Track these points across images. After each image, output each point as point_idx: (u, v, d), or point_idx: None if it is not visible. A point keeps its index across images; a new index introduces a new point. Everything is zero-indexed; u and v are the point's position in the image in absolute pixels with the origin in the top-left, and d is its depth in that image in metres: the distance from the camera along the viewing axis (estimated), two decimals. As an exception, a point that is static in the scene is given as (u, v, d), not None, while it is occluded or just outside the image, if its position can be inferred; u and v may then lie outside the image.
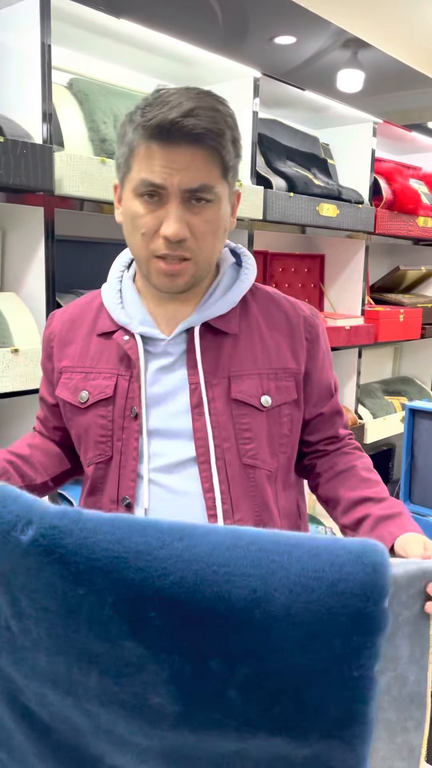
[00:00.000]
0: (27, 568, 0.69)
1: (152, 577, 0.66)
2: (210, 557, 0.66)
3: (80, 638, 0.70)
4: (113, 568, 0.66)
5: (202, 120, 0.89)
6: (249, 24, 2.07)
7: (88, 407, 1.05)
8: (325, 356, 1.13)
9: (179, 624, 0.67)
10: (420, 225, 3.01)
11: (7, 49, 1.67)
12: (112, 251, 2.13)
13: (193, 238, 0.94)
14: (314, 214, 2.41)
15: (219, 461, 1.00)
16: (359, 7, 3.45)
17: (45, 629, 0.71)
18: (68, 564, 0.67)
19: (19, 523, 0.68)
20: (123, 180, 0.98)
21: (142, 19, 1.77)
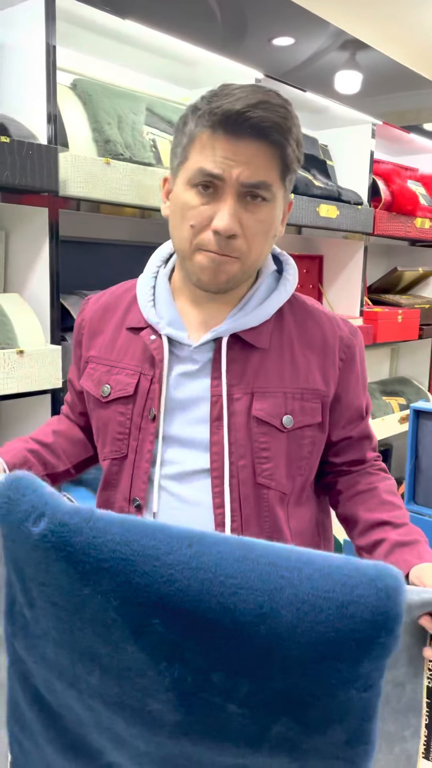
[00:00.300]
0: (37, 561, 0.68)
1: (157, 582, 0.64)
2: (218, 567, 0.64)
3: (84, 636, 0.69)
4: (120, 570, 0.65)
5: (271, 113, 0.86)
6: (248, 24, 2.08)
7: (109, 402, 1.03)
8: (359, 378, 1.08)
9: (182, 633, 0.65)
10: (417, 226, 3.02)
11: (12, 49, 1.66)
12: (116, 252, 2.14)
13: (243, 237, 0.91)
14: (314, 215, 2.41)
15: (233, 478, 0.97)
16: (357, 8, 3.46)
17: (52, 622, 0.71)
18: (75, 563, 0.66)
19: (32, 514, 0.68)
20: (177, 170, 0.95)
21: (146, 20, 1.76)
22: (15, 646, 0.77)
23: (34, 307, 1.70)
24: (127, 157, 1.75)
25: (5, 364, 1.54)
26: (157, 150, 1.87)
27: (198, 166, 0.90)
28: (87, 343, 1.09)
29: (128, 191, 1.73)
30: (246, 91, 0.88)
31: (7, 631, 0.78)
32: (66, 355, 1.71)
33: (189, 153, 0.92)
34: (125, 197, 1.72)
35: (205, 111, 0.88)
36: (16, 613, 0.75)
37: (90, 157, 1.64)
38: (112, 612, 0.66)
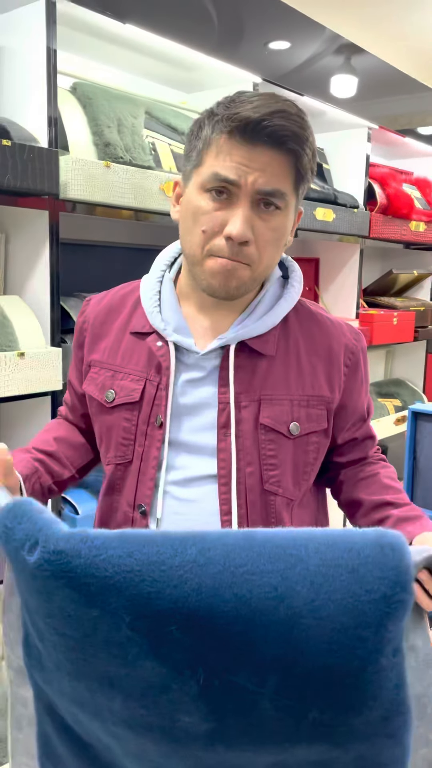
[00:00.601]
0: (38, 591, 0.67)
1: (169, 587, 0.63)
2: (226, 559, 0.64)
3: (99, 662, 0.67)
4: (127, 583, 0.64)
5: (288, 123, 0.87)
6: (245, 29, 2.09)
7: (114, 408, 1.02)
8: (363, 383, 1.09)
9: (201, 636, 0.64)
10: (413, 229, 3.05)
11: (13, 52, 1.67)
12: (116, 255, 2.15)
13: (255, 245, 0.91)
14: (311, 219, 2.43)
15: (240, 485, 0.97)
16: (352, 12, 3.49)
17: (63, 654, 0.69)
18: (79, 587, 0.64)
19: (27, 542, 0.66)
20: (190, 174, 0.95)
21: (146, 25, 1.77)
22: (35, 678, 0.76)
23: (35, 309, 1.70)
24: (126, 161, 1.76)
25: (6, 366, 1.54)
26: (156, 153, 1.88)
27: (213, 171, 0.90)
28: (90, 345, 1.09)
29: (128, 194, 1.74)
30: (264, 100, 0.88)
31: (26, 663, 0.77)
32: (66, 357, 1.71)
33: (204, 157, 0.92)
34: (125, 200, 1.73)
35: (223, 116, 0.89)
36: (30, 645, 0.74)
37: (90, 160, 1.65)
38: (126, 629, 0.65)
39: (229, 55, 2.05)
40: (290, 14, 2.22)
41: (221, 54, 2.02)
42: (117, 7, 1.70)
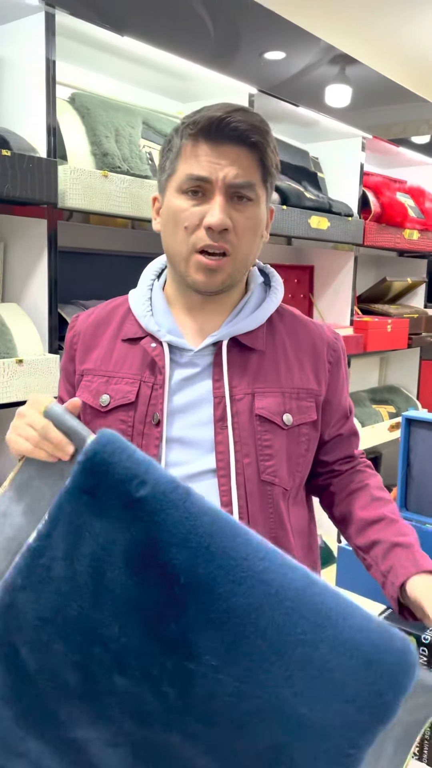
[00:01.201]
0: (119, 520, 0.75)
1: (227, 581, 0.73)
2: (280, 588, 0.73)
3: (133, 596, 0.77)
4: (199, 554, 0.73)
5: (248, 118, 0.95)
6: (240, 40, 2.12)
7: (109, 411, 1.05)
8: (345, 380, 1.15)
9: (226, 634, 0.73)
10: (406, 237, 3.08)
11: (13, 63, 1.69)
12: (114, 263, 2.17)
13: (234, 232, 0.97)
14: (306, 227, 2.45)
15: (239, 476, 1.01)
16: (346, 23, 3.53)
17: (94, 579, 0.77)
18: (162, 531, 0.74)
19: (135, 479, 0.75)
20: (165, 183, 1.01)
21: (144, 37, 1.80)
22: (15, 601, 0.80)
23: (33, 316, 1.72)
24: (124, 170, 1.78)
25: (4, 372, 1.56)
26: (153, 163, 1.91)
27: (186, 173, 0.96)
28: (81, 357, 1.12)
29: (126, 203, 1.76)
30: (223, 104, 0.96)
31: (16, 584, 0.80)
32: (64, 364, 1.73)
33: (176, 165, 0.99)
34: (123, 209, 1.75)
35: (188, 123, 0.96)
36: (38, 566, 0.79)
37: (88, 170, 1.67)
38: (176, 588, 0.74)
39: (224, 67, 2.08)
40: (285, 26, 2.26)
41: (217, 65, 2.05)
42: (115, 19, 1.72)
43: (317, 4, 3.35)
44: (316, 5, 3.37)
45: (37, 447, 0.83)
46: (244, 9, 2.07)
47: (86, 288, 1.98)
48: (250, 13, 2.10)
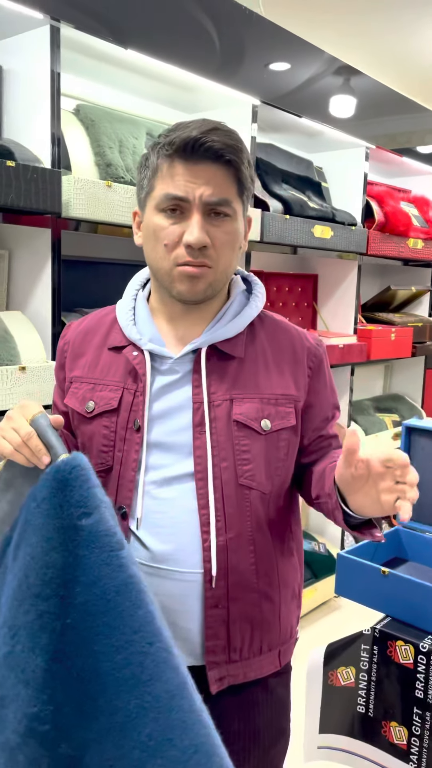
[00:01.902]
0: (46, 539, 0.80)
1: (107, 643, 0.76)
2: (153, 680, 0.74)
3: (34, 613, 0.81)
4: (92, 606, 0.77)
5: (222, 137, 0.97)
6: (244, 52, 2.14)
7: (94, 417, 1.08)
8: (327, 384, 1.16)
9: (76, 697, 0.76)
10: (410, 246, 3.09)
11: (18, 75, 1.72)
12: (116, 271, 2.19)
13: (213, 248, 1.00)
14: (309, 236, 2.47)
15: (216, 480, 1.03)
16: (350, 35, 3.56)
17: (16, 582, 0.82)
18: (77, 567, 0.78)
19: (82, 509, 0.80)
20: (145, 200, 1.04)
21: (148, 50, 1.83)
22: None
23: (36, 324, 1.74)
24: (127, 180, 1.80)
25: (8, 380, 1.57)
26: (156, 173, 1.93)
27: (164, 192, 0.99)
28: (70, 364, 1.15)
29: (128, 212, 1.78)
30: (198, 123, 0.98)
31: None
32: (67, 371, 1.75)
33: (154, 183, 1.01)
34: (126, 218, 1.77)
35: (164, 144, 0.98)
36: (7, 552, 0.87)
37: (92, 180, 1.69)
38: (58, 625, 0.76)
39: (228, 78, 2.11)
40: (289, 38, 2.28)
41: (221, 77, 2.08)
42: (119, 33, 1.75)
43: (321, 17, 3.38)
44: (320, 18, 3.40)
45: (17, 451, 0.90)
46: (248, 22, 2.10)
47: (90, 296, 2.00)
48: (254, 25, 2.13)
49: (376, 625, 1.51)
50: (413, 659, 1.43)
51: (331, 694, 1.54)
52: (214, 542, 1.01)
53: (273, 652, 1.11)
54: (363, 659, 1.50)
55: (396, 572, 1.53)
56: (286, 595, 1.12)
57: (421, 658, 1.41)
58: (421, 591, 1.48)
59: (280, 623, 1.11)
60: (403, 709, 1.45)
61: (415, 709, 1.42)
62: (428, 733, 1.41)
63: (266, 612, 1.08)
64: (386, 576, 1.53)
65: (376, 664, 1.49)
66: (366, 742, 1.51)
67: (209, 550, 1.01)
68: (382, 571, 1.54)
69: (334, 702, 1.54)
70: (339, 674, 1.54)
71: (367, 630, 1.51)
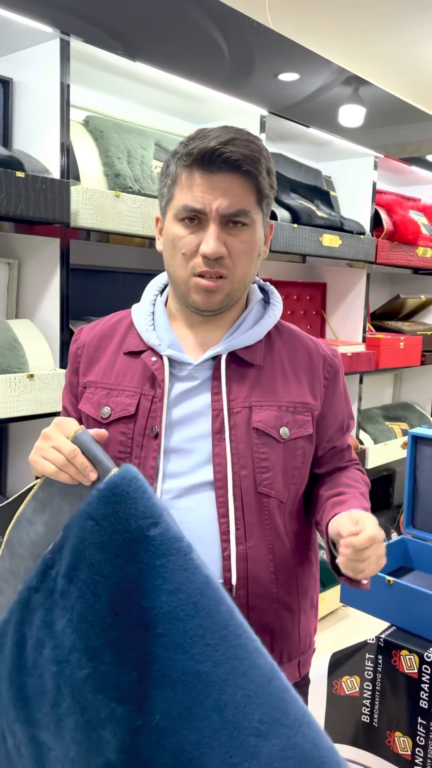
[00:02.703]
0: (116, 555, 0.80)
1: (201, 643, 0.74)
2: (251, 668, 0.74)
3: (102, 630, 0.81)
4: (181, 611, 0.76)
5: (240, 148, 0.97)
6: (253, 64, 2.16)
7: (110, 423, 1.07)
8: (342, 395, 1.16)
9: (185, 704, 0.75)
10: (420, 255, 3.09)
11: (29, 87, 1.75)
12: (124, 280, 2.21)
13: (230, 258, 1.00)
14: (317, 245, 2.48)
15: (235, 488, 1.02)
16: (359, 45, 3.57)
17: (81, 606, 0.81)
18: (157, 576, 0.77)
19: (150, 519, 0.79)
20: (165, 208, 1.05)
21: (156, 62, 1.85)
22: (31, 599, 0.86)
23: (45, 332, 1.76)
24: (135, 190, 1.82)
25: (16, 387, 1.59)
26: (164, 183, 1.95)
27: (182, 203, 1.00)
28: (84, 370, 1.14)
29: (136, 222, 1.80)
30: (218, 131, 0.98)
31: (31, 584, 0.87)
32: (74, 379, 1.76)
33: (173, 192, 1.02)
34: (133, 228, 1.79)
35: (183, 153, 0.99)
36: (49, 575, 0.85)
37: (100, 190, 1.71)
38: (151, 637, 0.75)
39: (236, 89, 2.12)
40: (297, 50, 2.30)
41: (229, 88, 2.10)
42: (128, 46, 1.77)
43: (328, 27, 3.40)
44: (327, 29, 3.42)
45: (61, 470, 0.87)
46: (256, 34, 2.12)
47: (98, 304, 2.02)
48: (262, 37, 2.15)
49: (380, 635, 1.50)
50: (418, 669, 1.42)
51: (336, 704, 1.54)
52: (234, 551, 1.00)
53: (293, 662, 1.10)
54: (368, 668, 1.50)
55: (401, 581, 1.53)
56: (305, 604, 1.12)
57: (426, 668, 1.41)
58: (427, 600, 1.47)
59: (300, 633, 1.10)
60: (407, 719, 1.44)
61: (419, 720, 1.42)
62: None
63: (286, 621, 1.07)
64: (391, 585, 1.53)
65: (380, 674, 1.49)
66: (370, 752, 1.50)
67: (229, 559, 1.00)
68: (388, 580, 1.54)
69: (338, 711, 1.54)
70: (343, 683, 1.54)
71: (371, 639, 1.51)
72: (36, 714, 0.84)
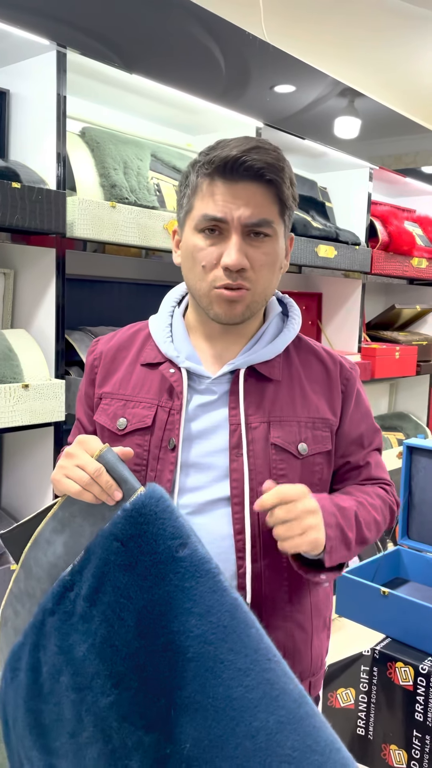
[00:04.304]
0: (143, 577, 0.78)
1: (233, 668, 0.73)
2: (282, 693, 0.73)
3: (125, 653, 0.79)
4: (211, 635, 0.74)
5: (263, 156, 0.95)
6: (250, 75, 2.18)
7: (126, 434, 1.05)
8: (359, 409, 1.13)
9: (217, 731, 0.73)
10: (414, 265, 3.10)
11: (25, 99, 1.75)
12: (120, 290, 2.22)
13: (252, 269, 0.98)
14: (313, 255, 2.49)
15: (253, 504, 0.99)
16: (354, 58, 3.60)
17: (104, 629, 0.80)
18: (187, 599, 0.75)
19: (178, 539, 0.77)
20: (184, 220, 1.03)
21: (153, 74, 1.86)
22: (45, 622, 0.84)
23: (40, 342, 1.76)
24: (132, 201, 1.83)
25: (11, 397, 1.59)
26: (161, 194, 1.96)
27: (202, 212, 0.97)
28: (101, 380, 1.12)
29: (132, 233, 1.80)
30: (239, 141, 0.97)
31: (47, 607, 0.84)
32: (70, 389, 1.76)
33: (193, 202, 1.00)
34: (129, 238, 1.80)
35: (204, 162, 0.97)
36: (67, 597, 0.83)
37: (96, 201, 1.72)
38: (180, 661, 0.73)
39: (232, 102, 2.14)
40: (292, 62, 2.32)
41: (225, 100, 2.11)
42: (124, 57, 1.79)
43: (324, 40, 3.43)
44: (322, 41, 3.44)
45: (85, 489, 0.86)
46: (251, 46, 2.14)
47: (93, 314, 2.02)
48: (257, 50, 2.16)
49: (375, 646, 1.50)
50: (413, 681, 1.42)
51: (330, 716, 1.53)
52: (249, 568, 0.98)
53: (304, 683, 1.07)
54: (363, 681, 1.49)
55: (396, 593, 1.52)
56: (318, 624, 1.09)
57: (421, 680, 1.40)
58: (421, 612, 1.47)
59: (312, 653, 1.08)
60: (402, 732, 1.43)
61: (415, 732, 1.41)
62: (428, 757, 1.39)
63: (299, 641, 1.05)
64: (386, 596, 1.52)
65: (375, 686, 1.48)
66: (365, 764, 1.49)
67: (244, 577, 0.98)
68: (383, 591, 1.53)
69: (333, 724, 1.53)
70: (338, 696, 1.53)
71: (366, 651, 1.50)
72: (53, 743, 0.82)
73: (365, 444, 1.13)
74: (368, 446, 1.14)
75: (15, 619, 0.93)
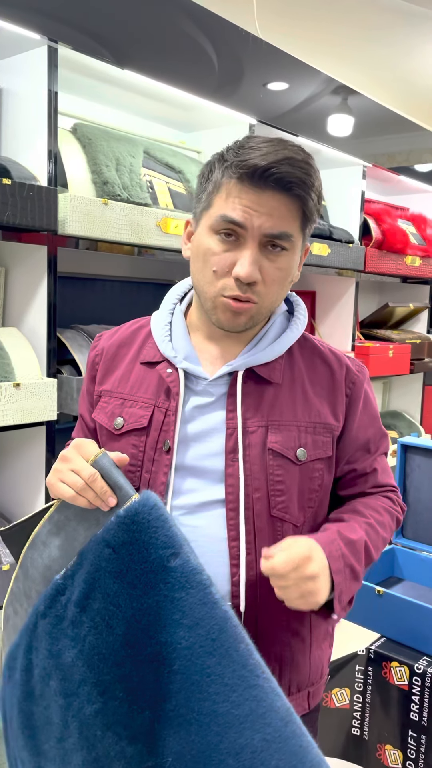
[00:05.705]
0: (133, 585, 0.77)
1: (220, 683, 0.72)
2: (269, 711, 0.71)
3: (114, 664, 0.78)
4: (199, 648, 0.73)
5: (295, 170, 0.91)
6: (243, 72, 2.17)
7: (122, 434, 1.03)
8: (365, 413, 1.09)
9: (199, 746, 0.72)
10: (408, 263, 3.10)
11: (16, 95, 1.74)
12: (112, 288, 2.20)
13: (263, 283, 0.95)
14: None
15: (248, 510, 0.97)
16: (348, 55, 3.60)
17: (93, 637, 0.79)
18: (176, 610, 0.74)
19: (170, 549, 0.76)
20: (200, 215, 0.99)
21: (145, 70, 1.85)
22: (38, 625, 0.83)
23: (32, 340, 1.74)
24: (124, 198, 1.81)
25: (2, 396, 1.57)
26: (153, 191, 1.94)
27: (221, 213, 0.93)
28: (101, 378, 1.10)
29: (125, 230, 1.79)
30: (272, 147, 0.92)
31: (39, 610, 0.83)
32: (62, 388, 1.75)
33: (213, 200, 0.96)
34: (122, 236, 1.78)
35: (233, 163, 0.93)
36: (59, 601, 0.82)
37: (88, 198, 1.70)
38: (166, 673, 0.71)
39: (225, 98, 2.13)
40: (285, 59, 2.31)
41: (218, 97, 2.10)
42: (116, 53, 1.77)
43: (317, 37, 3.43)
44: (316, 38, 3.44)
45: (79, 494, 0.85)
46: (245, 43, 2.12)
47: (86, 312, 2.00)
48: (251, 46, 2.15)
49: (371, 646, 1.49)
50: (408, 681, 1.41)
51: (326, 716, 1.52)
52: (243, 576, 0.96)
53: (302, 693, 1.05)
54: (358, 680, 1.49)
55: (391, 592, 1.52)
56: (318, 634, 1.06)
57: (416, 680, 1.40)
58: (417, 611, 1.46)
59: (311, 663, 1.05)
60: (398, 731, 1.43)
61: (410, 732, 1.40)
62: (423, 757, 1.39)
63: (296, 652, 1.02)
64: (381, 596, 1.52)
65: (370, 686, 1.47)
66: (360, 765, 1.49)
67: (238, 585, 0.96)
68: (378, 590, 1.53)
69: (328, 724, 1.52)
70: (333, 696, 1.52)
71: (361, 651, 1.49)
72: (43, 745, 0.81)
73: (372, 449, 1.10)
74: (375, 452, 1.10)
75: (15, 618, 0.92)
